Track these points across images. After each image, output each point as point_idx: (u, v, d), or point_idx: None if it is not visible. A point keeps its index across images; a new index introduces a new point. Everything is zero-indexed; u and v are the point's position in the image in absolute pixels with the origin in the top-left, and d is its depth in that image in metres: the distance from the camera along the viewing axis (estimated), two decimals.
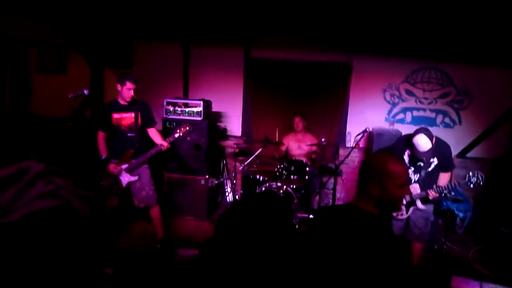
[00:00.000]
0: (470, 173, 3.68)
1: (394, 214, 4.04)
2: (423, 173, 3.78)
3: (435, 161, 3.79)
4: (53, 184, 0.86)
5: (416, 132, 3.62)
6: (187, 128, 4.09)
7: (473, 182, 3.62)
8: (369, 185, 1.84)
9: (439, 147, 3.75)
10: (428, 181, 3.77)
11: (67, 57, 6.55)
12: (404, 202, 3.88)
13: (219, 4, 4.98)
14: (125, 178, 4.09)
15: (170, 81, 6.46)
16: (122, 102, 4.14)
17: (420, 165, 3.87)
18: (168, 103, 5.46)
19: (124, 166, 4.07)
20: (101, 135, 4.13)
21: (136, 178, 4.10)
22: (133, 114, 4.14)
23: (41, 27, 5.34)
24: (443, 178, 3.77)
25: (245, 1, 4.77)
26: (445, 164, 3.82)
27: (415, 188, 3.79)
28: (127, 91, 4.03)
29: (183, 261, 3.32)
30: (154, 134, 4.24)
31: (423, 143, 3.53)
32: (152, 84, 6.36)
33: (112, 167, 4.02)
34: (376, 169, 1.84)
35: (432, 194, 3.66)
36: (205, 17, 5.70)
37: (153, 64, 6.41)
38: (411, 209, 3.87)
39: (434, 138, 3.64)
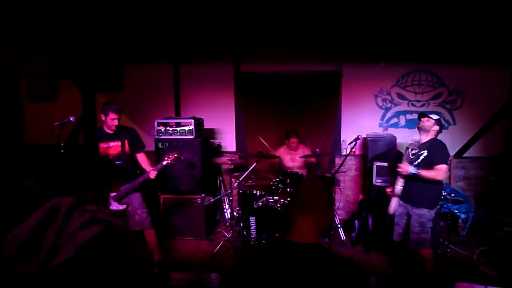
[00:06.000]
0: None
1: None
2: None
3: (424, 153, 3.85)
4: (88, 212, 0.88)
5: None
6: (175, 155, 4.13)
7: None
8: None
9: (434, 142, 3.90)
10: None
11: (57, 83, 6.54)
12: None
13: (206, 20, 4.97)
14: (113, 207, 4.13)
15: (162, 101, 6.43)
16: (108, 130, 4.15)
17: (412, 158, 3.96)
18: (159, 124, 5.42)
19: (113, 195, 4.13)
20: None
21: (124, 207, 4.14)
22: (119, 143, 4.17)
23: (31, 57, 5.36)
24: (427, 172, 3.71)
25: (231, 16, 4.76)
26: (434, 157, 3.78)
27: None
28: (111, 121, 4.05)
29: (177, 285, 3.24)
30: (143, 159, 4.31)
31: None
32: (144, 105, 6.35)
33: None
34: None
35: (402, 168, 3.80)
36: (193, 34, 5.68)
37: (143, 85, 6.39)
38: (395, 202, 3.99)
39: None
